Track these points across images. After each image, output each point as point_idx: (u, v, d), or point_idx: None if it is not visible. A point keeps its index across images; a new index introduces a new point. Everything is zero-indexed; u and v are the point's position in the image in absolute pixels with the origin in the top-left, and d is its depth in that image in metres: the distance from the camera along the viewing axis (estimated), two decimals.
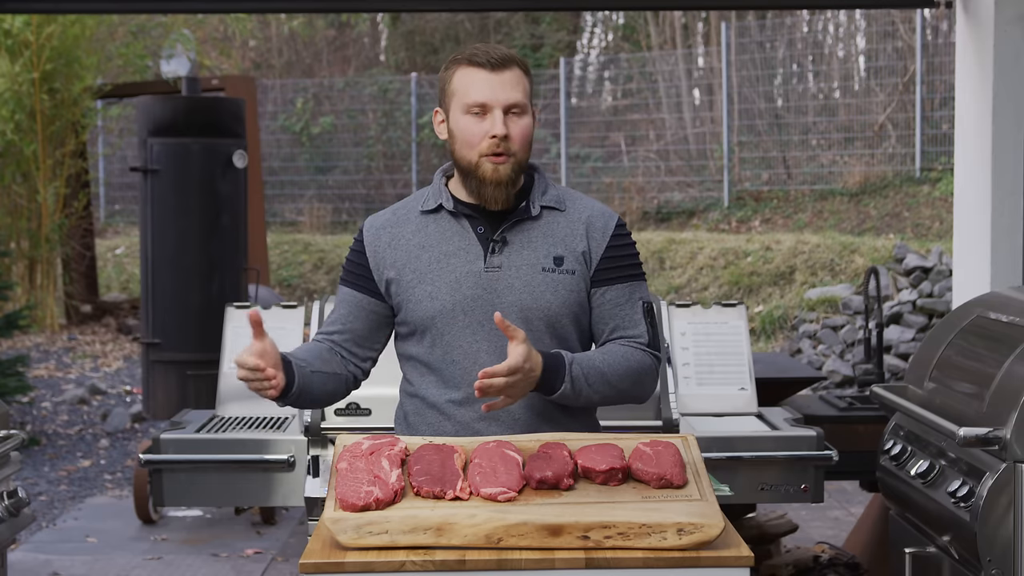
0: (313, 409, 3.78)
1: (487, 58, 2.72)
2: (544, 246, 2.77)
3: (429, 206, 2.82)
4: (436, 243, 2.79)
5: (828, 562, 5.26)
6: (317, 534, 2.38)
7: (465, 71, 2.73)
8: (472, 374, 2.70)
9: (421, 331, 2.78)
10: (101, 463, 7.98)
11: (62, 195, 12.46)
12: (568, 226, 2.80)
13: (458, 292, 2.75)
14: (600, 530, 2.30)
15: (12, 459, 3.53)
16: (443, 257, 2.77)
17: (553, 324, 2.76)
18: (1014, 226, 4.98)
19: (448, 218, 2.80)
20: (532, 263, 2.76)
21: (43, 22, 11.41)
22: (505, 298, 2.74)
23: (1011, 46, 4.96)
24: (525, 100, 2.74)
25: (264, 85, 17.87)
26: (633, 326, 2.80)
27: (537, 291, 2.74)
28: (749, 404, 4.38)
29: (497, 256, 2.76)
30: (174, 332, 7.42)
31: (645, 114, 16.44)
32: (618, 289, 2.80)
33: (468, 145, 2.73)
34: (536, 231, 2.78)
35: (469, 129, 2.72)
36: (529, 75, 2.79)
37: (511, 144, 2.71)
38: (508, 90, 2.71)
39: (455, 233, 2.79)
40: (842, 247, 11.42)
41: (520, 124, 2.73)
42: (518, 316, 2.73)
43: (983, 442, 2.90)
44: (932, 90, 13.60)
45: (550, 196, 2.82)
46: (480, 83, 2.71)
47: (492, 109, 2.71)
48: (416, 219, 2.82)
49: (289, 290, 14.07)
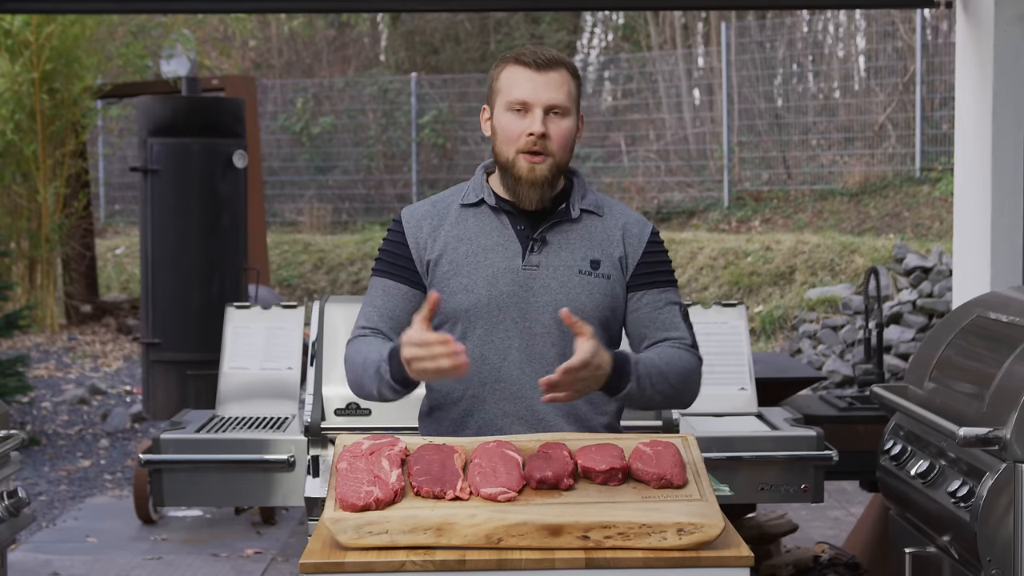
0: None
1: (533, 58, 2.74)
2: (582, 249, 2.79)
3: (470, 200, 2.83)
4: (475, 236, 2.79)
5: (828, 562, 5.26)
6: (317, 534, 2.38)
7: (511, 69, 2.76)
8: (501, 370, 2.73)
9: (452, 323, 2.78)
10: (101, 463, 7.98)
11: (62, 195, 12.46)
12: (605, 231, 2.82)
13: (494, 287, 2.75)
14: (600, 530, 2.30)
15: (12, 459, 3.53)
16: (481, 251, 2.78)
17: None
18: (1014, 226, 4.98)
19: (488, 213, 2.81)
20: (569, 264, 2.77)
21: (43, 22, 11.41)
22: (540, 297, 2.75)
23: (1011, 46, 4.96)
24: (568, 103, 2.75)
25: (264, 85, 17.87)
26: (675, 328, 2.81)
27: (572, 293, 2.75)
28: (749, 404, 4.38)
29: (535, 255, 2.77)
30: (174, 332, 7.42)
31: (645, 114, 16.44)
32: (655, 293, 2.82)
33: (507, 141, 2.75)
34: (574, 233, 2.80)
35: (510, 126, 2.74)
36: (578, 79, 2.79)
37: (549, 144, 2.72)
38: (551, 90, 2.72)
39: (494, 228, 2.80)
40: (842, 247, 11.42)
41: (561, 125, 2.74)
42: (552, 317, 2.74)
43: (983, 442, 2.90)
44: (932, 90, 13.60)
45: (589, 200, 2.84)
46: (524, 81, 2.73)
47: (533, 108, 2.72)
48: (456, 212, 2.83)
49: (289, 290, 14.07)
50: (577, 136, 2.82)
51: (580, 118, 2.82)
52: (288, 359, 4.48)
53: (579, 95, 2.80)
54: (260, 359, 4.47)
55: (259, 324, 4.52)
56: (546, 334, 2.74)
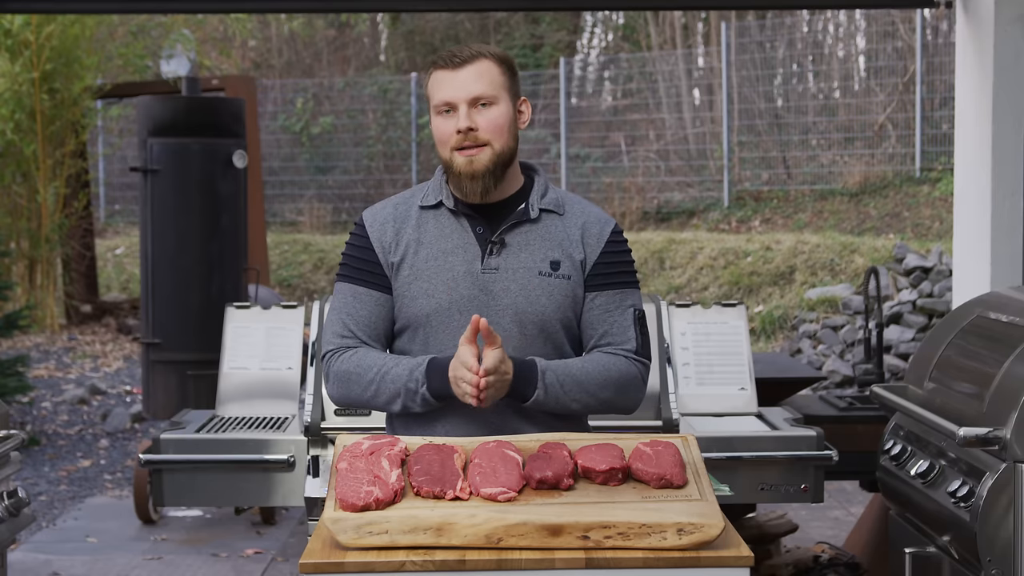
0: None
1: (449, 58, 2.76)
2: (541, 250, 2.77)
3: (429, 202, 2.82)
4: (434, 240, 2.79)
5: (828, 562, 5.26)
6: (317, 534, 2.38)
7: (434, 75, 2.78)
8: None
9: (414, 328, 2.78)
10: (101, 463, 7.98)
11: (62, 195, 12.46)
12: (565, 231, 2.80)
13: (455, 291, 2.74)
14: (600, 530, 2.30)
15: (12, 459, 3.52)
16: (441, 255, 2.77)
17: (546, 328, 2.75)
18: (1014, 226, 4.98)
19: (448, 215, 2.80)
20: (529, 267, 2.76)
21: (43, 22, 11.41)
22: (500, 300, 2.73)
23: (1011, 46, 4.96)
24: (492, 91, 2.74)
25: (264, 85, 17.87)
26: (621, 333, 2.79)
27: (532, 295, 2.74)
28: (749, 404, 4.38)
29: (495, 258, 2.76)
30: (174, 332, 7.42)
31: (645, 114, 16.44)
32: (608, 295, 2.79)
33: (442, 143, 2.76)
34: (534, 234, 2.78)
35: (440, 127, 2.76)
36: (504, 66, 2.77)
37: (479, 135, 2.72)
38: (470, 84, 2.72)
39: (454, 231, 2.79)
40: (842, 247, 11.42)
41: (489, 115, 2.73)
42: (512, 319, 2.73)
43: (983, 442, 2.90)
44: (932, 90, 13.60)
45: (549, 199, 2.82)
46: (443, 83, 2.75)
47: (457, 105, 2.73)
48: (416, 214, 2.82)
49: (289, 290, 14.07)
50: (521, 122, 2.80)
51: (522, 102, 2.80)
52: (288, 359, 4.48)
53: (511, 81, 2.78)
54: (260, 359, 4.47)
55: (259, 324, 4.52)
56: (508, 337, 2.72)
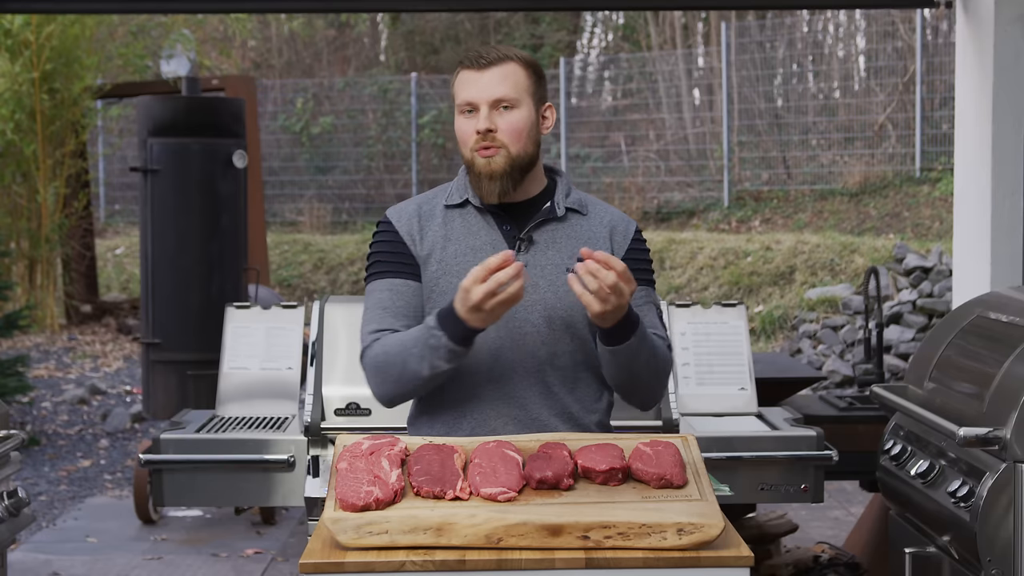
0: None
1: (476, 58, 2.77)
2: (568, 247, 2.79)
3: (454, 200, 2.84)
4: (462, 236, 2.80)
5: (828, 562, 5.26)
6: (317, 534, 2.38)
7: (460, 75, 2.79)
8: (494, 371, 2.73)
9: None
10: (101, 463, 7.98)
11: (62, 195, 12.46)
12: (591, 230, 2.83)
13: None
14: (600, 530, 2.30)
15: (12, 459, 3.52)
16: (470, 251, 2.78)
17: (573, 325, 2.77)
18: (1014, 226, 4.98)
19: (474, 213, 2.82)
20: (556, 263, 2.78)
21: (43, 22, 11.41)
22: (530, 296, 2.74)
23: (1011, 46, 4.96)
24: (514, 94, 2.74)
25: (264, 85, 17.87)
26: (654, 326, 2.82)
27: (561, 291, 2.75)
28: (749, 404, 4.38)
29: (523, 255, 2.78)
30: (174, 332, 7.42)
31: (645, 114, 16.44)
32: (637, 291, 2.81)
33: (463, 143, 2.78)
34: (560, 232, 2.81)
35: (462, 128, 2.78)
36: (531, 70, 2.78)
37: (498, 137, 2.73)
38: (493, 86, 2.73)
39: (481, 228, 2.81)
40: (842, 247, 11.42)
41: (508, 118, 2.74)
42: (541, 315, 2.75)
43: (983, 442, 2.90)
44: (932, 90, 13.60)
45: (573, 199, 2.85)
46: (467, 83, 2.76)
47: (479, 106, 2.74)
48: (441, 212, 2.84)
49: (289, 290, 14.07)
50: (544, 127, 2.81)
51: (546, 108, 2.82)
52: (288, 359, 4.48)
53: (537, 86, 2.79)
54: (260, 359, 4.47)
55: (259, 324, 4.52)
56: (535, 333, 2.74)
